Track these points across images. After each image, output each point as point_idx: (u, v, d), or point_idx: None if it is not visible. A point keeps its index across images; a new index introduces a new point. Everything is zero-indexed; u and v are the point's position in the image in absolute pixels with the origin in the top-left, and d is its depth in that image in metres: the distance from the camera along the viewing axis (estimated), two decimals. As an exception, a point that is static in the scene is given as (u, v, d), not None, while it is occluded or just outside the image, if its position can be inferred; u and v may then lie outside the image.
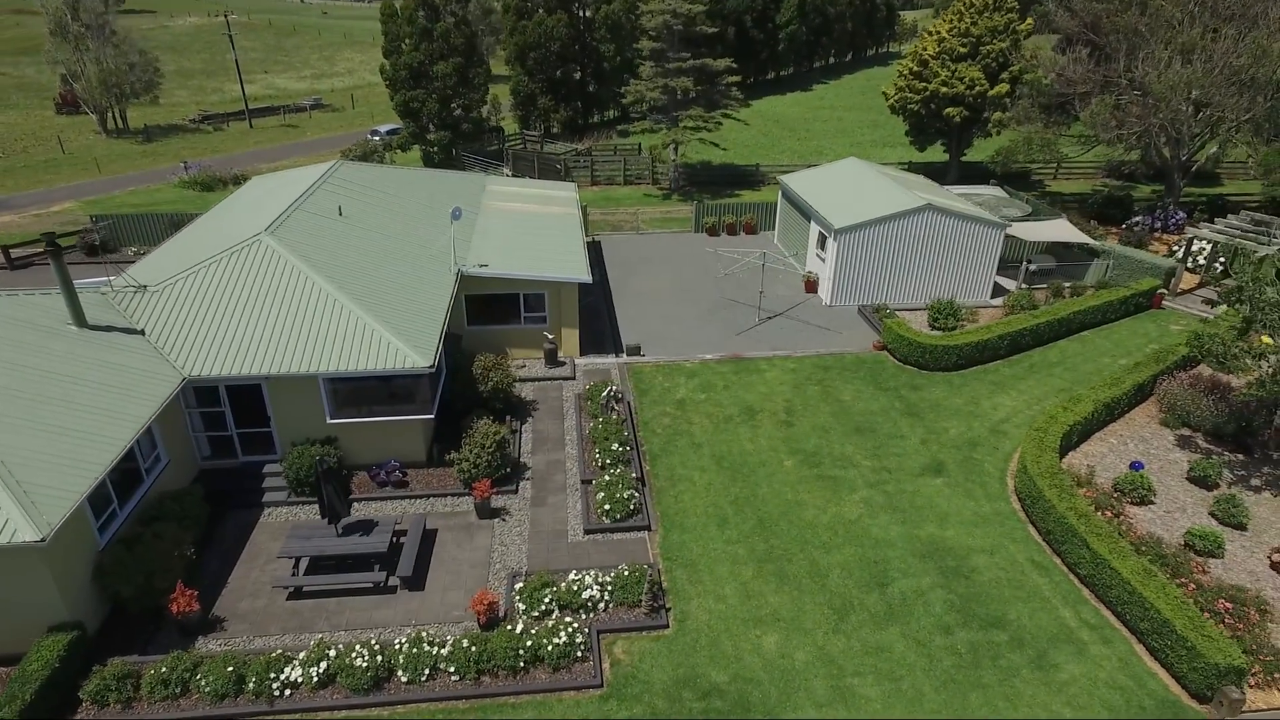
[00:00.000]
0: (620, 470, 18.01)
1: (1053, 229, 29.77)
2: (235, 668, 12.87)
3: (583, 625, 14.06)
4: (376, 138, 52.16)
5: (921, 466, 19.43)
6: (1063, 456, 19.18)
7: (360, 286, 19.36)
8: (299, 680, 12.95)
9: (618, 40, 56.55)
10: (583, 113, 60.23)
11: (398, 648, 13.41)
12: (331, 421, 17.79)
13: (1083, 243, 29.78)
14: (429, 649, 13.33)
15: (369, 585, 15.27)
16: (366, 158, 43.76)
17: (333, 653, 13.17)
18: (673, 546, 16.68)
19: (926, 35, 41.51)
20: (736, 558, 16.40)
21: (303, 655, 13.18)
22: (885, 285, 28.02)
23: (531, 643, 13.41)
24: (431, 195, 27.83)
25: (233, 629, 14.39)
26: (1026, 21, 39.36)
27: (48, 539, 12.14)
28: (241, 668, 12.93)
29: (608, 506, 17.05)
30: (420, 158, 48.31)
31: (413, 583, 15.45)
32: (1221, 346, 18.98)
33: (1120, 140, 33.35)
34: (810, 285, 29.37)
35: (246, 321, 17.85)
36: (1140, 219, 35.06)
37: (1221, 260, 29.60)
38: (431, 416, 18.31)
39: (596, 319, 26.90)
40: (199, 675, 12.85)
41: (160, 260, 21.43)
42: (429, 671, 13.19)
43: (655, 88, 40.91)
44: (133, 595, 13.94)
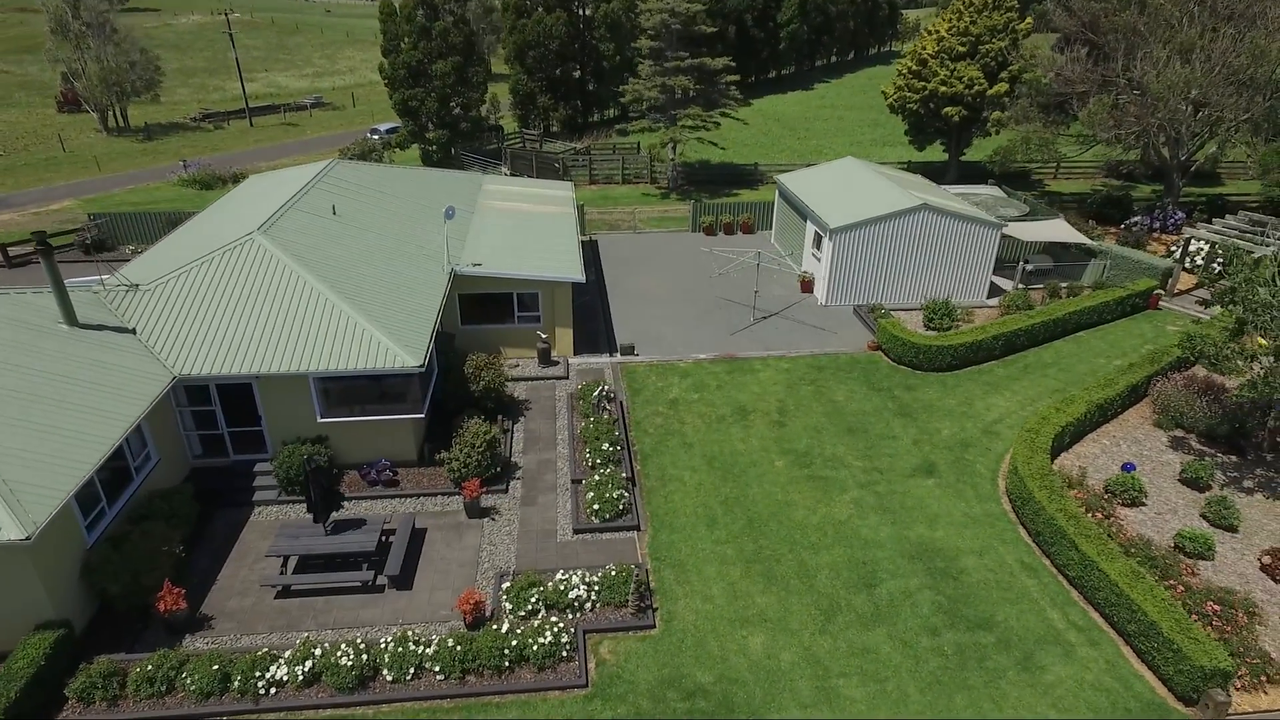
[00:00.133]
0: (610, 470, 18.02)
1: (1050, 229, 29.66)
2: (221, 666, 12.92)
3: (569, 625, 14.09)
4: (376, 136, 52.24)
5: (913, 467, 19.40)
6: (1055, 458, 19.15)
7: (352, 286, 19.38)
8: (284, 679, 12.99)
9: (617, 39, 56.54)
10: (582, 111, 60.21)
11: (383, 647, 13.44)
12: (322, 420, 17.83)
13: (1080, 243, 29.68)
14: (414, 648, 13.36)
15: (357, 584, 15.28)
16: (365, 156, 43.74)
17: (318, 651, 13.21)
18: (661, 546, 16.68)
19: (926, 34, 41.41)
20: (725, 558, 16.39)
21: (288, 654, 13.22)
22: (881, 285, 27.96)
23: (517, 642, 13.43)
24: (427, 194, 27.84)
25: (220, 627, 14.43)
26: (1026, 20, 39.25)
27: (33, 537, 12.18)
28: (227, 666, 12.97)
29: (597, 506, 17.07)
30: (419, 156, 48.36)
31: (400, 582, 15.46)
32: (1213, 348, 18.95)
33: (1119, 140, 33.23)
34: (806, 285, 29.33)
35: (238, 320, 17.89)
36: (1139, 219, 34.95)
37: (1220, 261, 29.51)
38: (422, 416, 18.33)
39: (591, 318, 26.90)
40: (184, 673, 12.90)
41: (154, 259, 21.46)
42: (414, 670, 13.22)
43: (653, 87, 40.88)
44: (120, 593, 14.00)
